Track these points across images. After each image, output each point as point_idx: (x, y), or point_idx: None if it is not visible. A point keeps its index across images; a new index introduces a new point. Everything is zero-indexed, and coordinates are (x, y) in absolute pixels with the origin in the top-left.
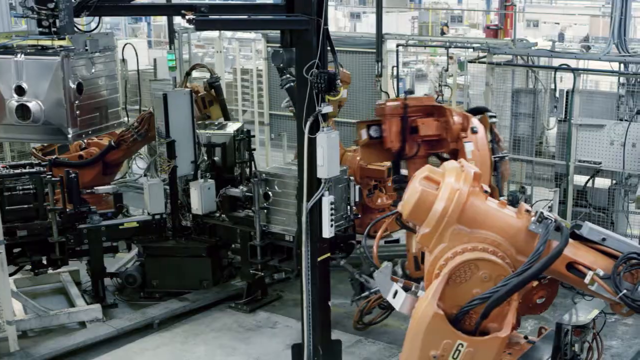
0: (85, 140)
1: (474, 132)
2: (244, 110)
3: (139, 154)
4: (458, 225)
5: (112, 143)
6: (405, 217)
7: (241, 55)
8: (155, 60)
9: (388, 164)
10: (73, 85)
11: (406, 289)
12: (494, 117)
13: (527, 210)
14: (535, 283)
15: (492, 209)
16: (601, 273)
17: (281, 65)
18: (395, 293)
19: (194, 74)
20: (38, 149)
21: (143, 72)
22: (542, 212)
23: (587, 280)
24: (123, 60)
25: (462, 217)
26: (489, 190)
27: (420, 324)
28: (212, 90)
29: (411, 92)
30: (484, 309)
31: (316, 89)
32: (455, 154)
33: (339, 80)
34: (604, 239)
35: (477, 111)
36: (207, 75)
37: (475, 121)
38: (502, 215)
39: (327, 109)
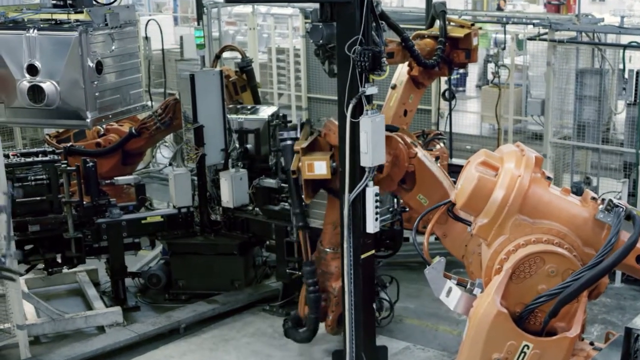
0: (104, 127)
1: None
2: (279, 94)
3: (163, 142)
4: (519, 215)
5: (134, 131)
6: (460, 206)
7: (277, 33)
8: (181, 38)
9: None
10: (91, 64)
11: (461, 286)
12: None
13: (593, 198)
14: None
15: (556, 197)
16: None
17: (320, 42)
18: (449, 291)
19: (225, 55)
20: (52, 135)
21: (168, 52)
22: (610, 200)
23: None
24: (146, 38)
25: (524, 206)
26: (551, 176)
27: (481, 325)
28: (244, 75)
29: None
30: (554, 306)
31: (359, 67)
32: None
33: (384, 59)
34: None
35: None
36: (239, 56)
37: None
38: (567, 204)
39: (371, 90)
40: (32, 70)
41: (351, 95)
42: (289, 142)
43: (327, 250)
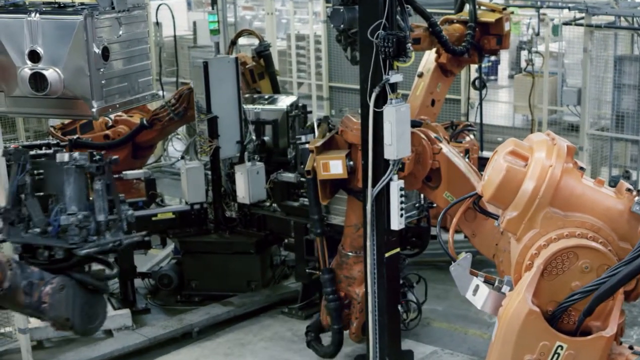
0: (112, 117)
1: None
2: (299, 83)
3: (175, 134)
4: (551, 208)
5: (145, 122)
6: (487, 199)
7: (296, 19)
8: (194, 23)
9: None
10: (97, 50)
11: (488, 284)
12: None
13: (629, 190)
14: None
15: (589, 189)
16: None
17: (341, 26)
18: (476, 289)
19: (241, 41)
20: (57, 127)
21: (181, 38)
22: None
23: None
24: (157, 23)
25: (556, 198)
26: (584, 167)
27: (512, 324)
28: (261, 60)
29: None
30: (589, 304)
31: (383, 54)
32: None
33: (410, 44)
34: None
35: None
36: (256, 43)
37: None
38: (601, 196)
39: (395, 77)
40: (34, 56)
41: (374, 83)
42: (307, 145)
43: (349, 254)
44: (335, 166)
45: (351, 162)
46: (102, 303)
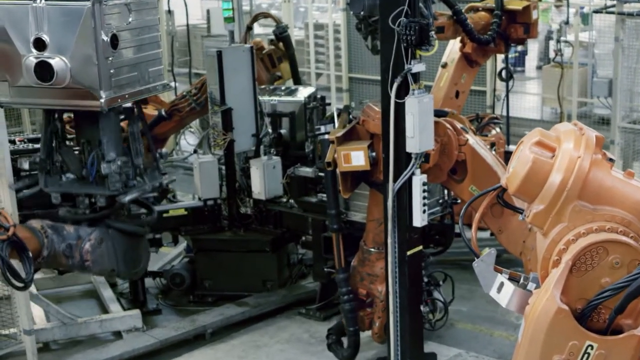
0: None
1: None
2: (318, 74)
3: (188, 127)
4: (579, 201)
5: (164, 113)
6: (512, 192)
7: (314, 7)
8: (208, 12)
9: None
10: (106, 38)
11: (513, 281)
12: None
13: None
14: None
15: (619, 181)
16: None
17: (362, 14)
18: (501, 286)
19: (257, 30)
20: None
21: (194, 27)
22: None
23: None
24: (169, 12)
25: (584, 191)
26: (613, 158)
27: (539, 324)
28: (280, 43)
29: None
30: (620, 301)
31: (405, 42)
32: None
33: (433, 32)
34: None
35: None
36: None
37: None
38: (631, 189)
39: (418, 67)
40: (40, 44)
41: (396, 73)
42: (327, 136)
43: (372, 250)
44: (357, 157)
45: (373, 153)
46: (143, 245)
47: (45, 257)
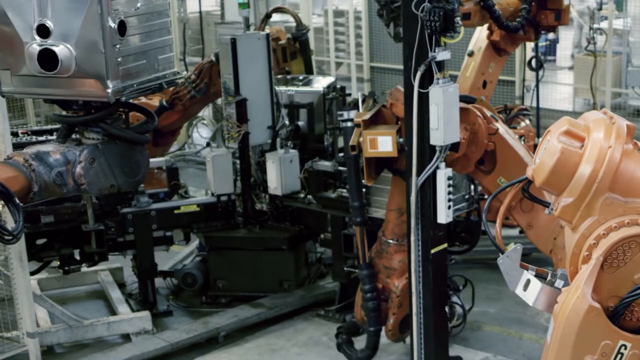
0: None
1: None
2: (338, 63)
3: (201, 119)
4: (610, 193)
5: (165, 103)
6: (539, 184)
7: None
8: None
9: None
10: (113, 24)
11: (540, 278)
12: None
13: None
14: None
15: None
16: None
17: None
18: (527, 284)
19: (274, 17)
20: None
21: (207, 14)
22: None
23: None
24: None
25: (615, 183)
26: None
27: (570, 323)
28: (297, 43)
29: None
30: None
31: (429, 29)
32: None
33: (458, 18)
34: None
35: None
36: (290, 20)
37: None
38: None
39: (443, 55)
40: (43, 31)
41: (419, 61)
42: (350, 123)
43: (390, 241)
44: (384, 143)
45: (401, 139)
46: (139, 149)
47: (37, 191)
